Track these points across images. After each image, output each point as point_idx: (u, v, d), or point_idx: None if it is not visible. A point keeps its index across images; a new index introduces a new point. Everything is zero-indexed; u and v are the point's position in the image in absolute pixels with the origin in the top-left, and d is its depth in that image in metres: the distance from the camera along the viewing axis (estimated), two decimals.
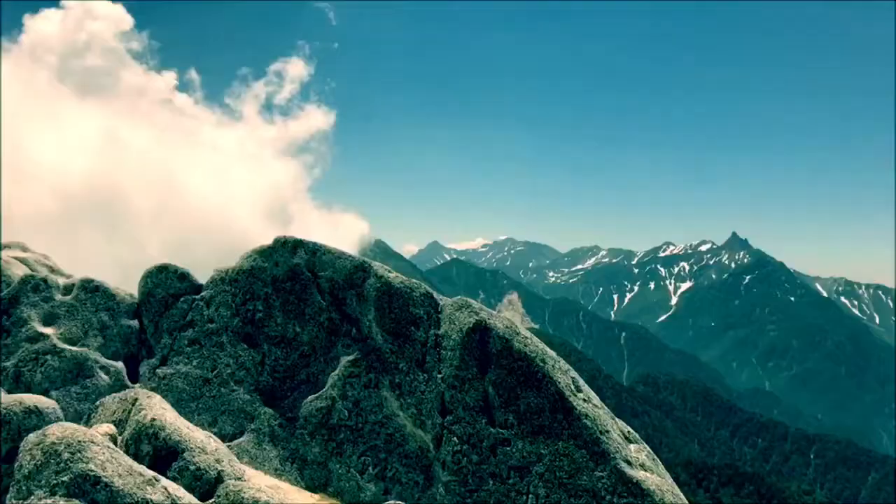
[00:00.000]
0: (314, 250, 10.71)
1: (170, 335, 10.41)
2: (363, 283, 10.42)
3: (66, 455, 4.82)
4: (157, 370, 10.18)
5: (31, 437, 5.00)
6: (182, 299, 10.63)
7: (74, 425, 5.10)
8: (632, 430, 10.48)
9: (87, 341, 10.28)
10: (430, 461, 9.61)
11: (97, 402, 7.38)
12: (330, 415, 9.74)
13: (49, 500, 4.60)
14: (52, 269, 13.47)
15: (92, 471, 4.82)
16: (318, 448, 9.61)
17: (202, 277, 11.11)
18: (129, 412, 6.18)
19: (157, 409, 6.20)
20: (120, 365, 10.18)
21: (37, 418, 5.32)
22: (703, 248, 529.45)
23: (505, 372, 9.84)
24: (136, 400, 6.37)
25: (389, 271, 10.66)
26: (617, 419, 10.37)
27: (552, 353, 10.27)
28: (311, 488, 9.58)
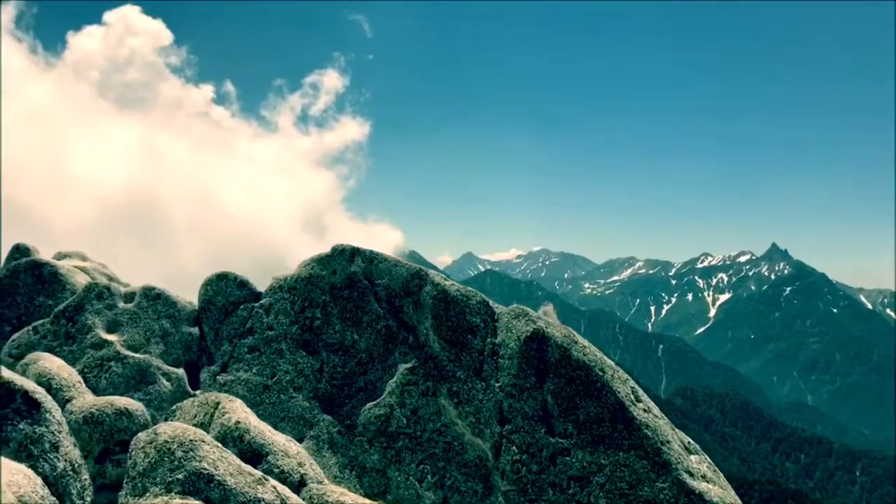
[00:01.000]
0: (371, 258, 10.78)
1: (230, 342, 10.54)
2: (420, 290, 10.45)
3: (179, 453, 4.91)
4: (218, 377, 10.30)
5: (142, 435, 5.10)
6: (242, 307, 10.76)
7: (184, 425, 5.18)
8: (692, 441, 10.33)
9: (149, 348, 10.45)
10: (488, 470, 9.57)
11: (174, 406, 7.51)
12: (388, 422, 9.75)
13: (165, 497, 4.68)
14: (110, 278, 13.77)
15: (205, 469, 4.89)
16: (376, 456, 9.63)
17: None
18: (212, 415, 6.26)
19: (241, 413, 6.28)
20: (181, 372, 10.33)
21: (127, 420, 5.43)
22: (742, 258, 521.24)
23: (564, 381, 9.77)
24: (217, 403, 6.46)
25: (446, 279, 10.68)
26: (677, 430, 10.23)
27: (611, 362, 10.19)
28: (370, 496, 9.59)
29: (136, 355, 10.27)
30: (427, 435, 9.66)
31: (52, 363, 6.11)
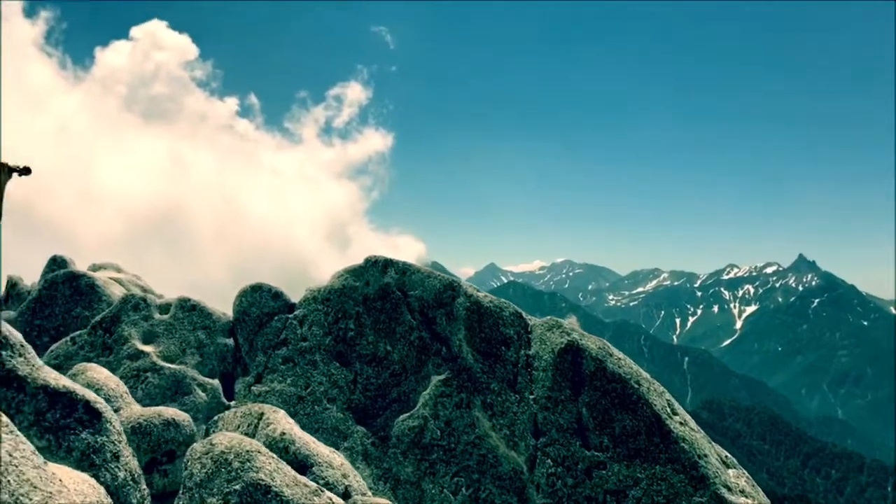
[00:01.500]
0: (404, 269, 10.80)
1: (264, 353, 10.60)
2: (452, 302, 10.44)
3: (235, 464, 4.93)
4: (253, 388, 10.36)
5: (198, 446, 5.13)
6: (276, 318, 10.83)
7: (239, 436, 5.21)
8: (729, 455, 10.18)
9: (184, 359, 10.54)
10: (523, 483, 9.50)
11: (215, 417, 7.54)
12: (422, 434, 9.73)
13: None
14: (144, 289, 13.92)
15: (262, 480, 4.91)
16: (410, 468, 9.61)
17: None
18: (256, 426, 6.28)
19: (285, 424, 6.30)
20: (216, 382, 10.40)
21: (174, 430, 5.46)
22: (769, 270, 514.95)
23: (599, 394, 9.70)
24: (261, 414, 6.48)
25: (478, 290, 10.67)
26: (714, 444, 10.10)
27: (646, 374, 10.10)
28: None
29: (172, 366, 10.36)
30: (461, 447, 9.62)
31: (99, 373, 6.18)
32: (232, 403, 10.35)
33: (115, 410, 5.91)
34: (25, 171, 5.03)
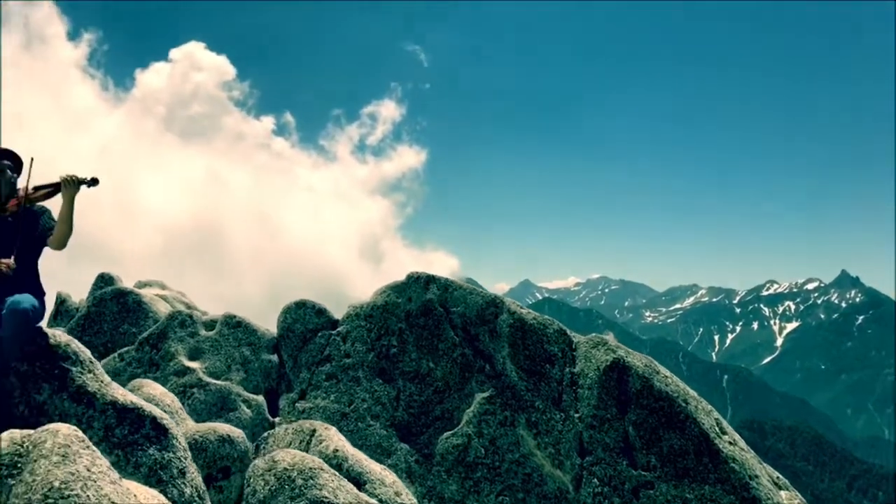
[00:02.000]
0: (446, 286, 10.78)
1: (308, 370, 10.64)
2: (496, 318, 10.39)
3: (299, 481, 4.94)
4: (297, 404, 10.39)
5: (260, 463, 5.16)
6: (319, 334, 10.88)
7: (301, 452, 5.22)
8: (781, 476, 9.94)
9: (230, 375, 10.63)
10: (569, 503, 9.36)
11: (266, 433, 7.58)
12: (466, 452, 9.66)
13: None
14: (188, 306, 14.11)
15: (326, 497, 4.91)
16: (455, 486, 9.53)
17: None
18: (308, 443, 6.30)
19: (337, 441, 6.30)
20: (261, 399, 10.46)
21: (229, 446, 5.50)
22: (810, 286, 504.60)
23: (646, 412, 9.54)
24: (314, 431, 6.50)
25: (521, 307, 10.60)
26: (765, 464, 9.87)
27: (693, 392, 9.93)
28: None
29: (218, 382, 10.45)
30: (506, 465, 9.52)
31: (155, 389, 6.25)
32: (276, 420, 10.39)
33: None
34: (94, 182, 5.12)
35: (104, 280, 13.29)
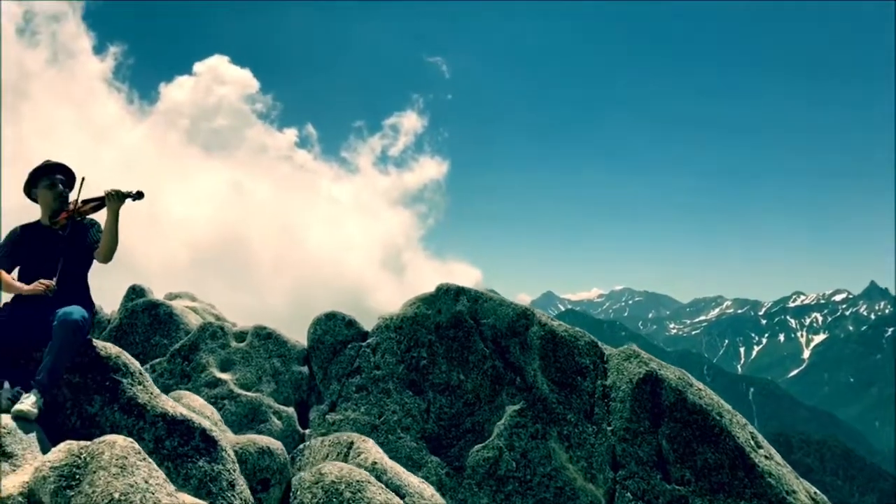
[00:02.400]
0: (476, 297, 10.76)
1: (338, 381, 10.65)
2: (526, 330, 10.34)
3: (347, 494, 4.93)
4: (327, 416, 10.40)
5: (307, 475, 5.17)
6: (349, 346, 10.88)
7: (349, 465, 5.22)
8: (818, 492, 9.75)
9: (260, 387, 10.66)
10: None
11: (301, 445, 7.58)
12: (497, 465, 9.60)
13: None
14: (218, 318, 14.19)
15: None
16: (486, 499, 9.47)
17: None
18: (346, 455, 6.29)
19: (376, 453, 6.29)
20: (291, 410, 10.48)
21: (269, 458, 5.50)
22: (838, 297, 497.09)
23: (679, 426, 9.44)
24: (351, 443, 6.49)
25: (552, 319, 10.55)
26: (801, 479, 9.69)
27: (728, 406, 9.80)
28: None
29: (249, 394, 10.49)
30: (537, 479, 9.44)
31: (195, 401, 6.28)
32: (307, 432, 10.40)
33: None
34: (139, 195, 5.18)
35: (135, 292, 13.41)
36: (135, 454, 3.37)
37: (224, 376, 10.76)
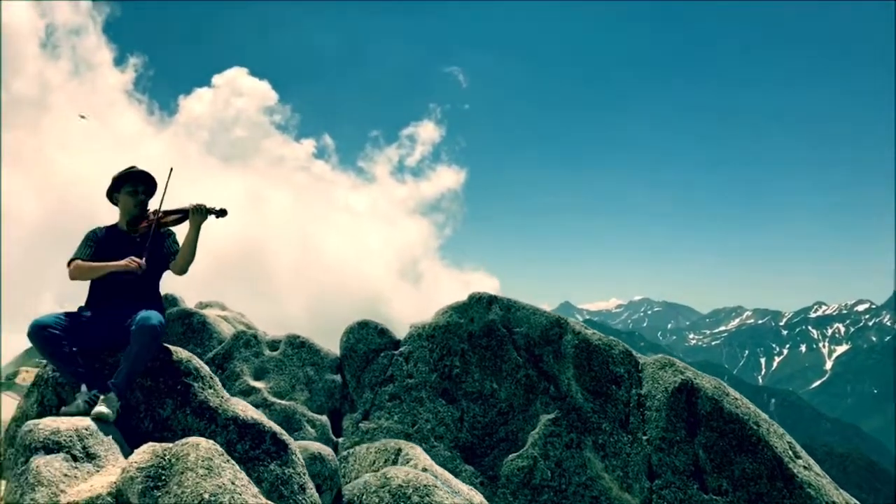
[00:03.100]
0: (508, 306, 10.76)
1: (371, 390, 10.67)
2: (560, 339, 10.32)
3: (415, 498, 4.95)
4: (360, 424, 10.42)
5: (372, 479, 5.19)
6: (382, 354, 10.91)
7: (414, 470, 5.24)
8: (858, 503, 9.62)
9: (294, 395, 10.71)
10: None
11: (345, 452, 7.61)
12: (532, 474, 9.57)
13: None
14: (248, 326, 14.28)
15: None
16: None
17: (334, 333, 11.39)
18: (395, 461, 6.30)
19: (425, 460, 6.30)
20: (325, 419, 10.51)
21: (321, 464, 5.53)
22: (861, 307, 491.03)
23: (716, 435, 9.36)
24: (399, 450, 6.51)
25: (586, 328, 10.52)
26: (841, 490, 9.58)
27: (765, 415, 9.71)
28: None
29: (282, 402, 10.53)
30: (572, 488, 9.40)
31: (246, 407, 6.32)
32: (340, 440, 10.43)
33: None
34: (222, 212, 5.26)
35: (168, 300, 13.53)
36: (219, 456, 3.41)
37: (258, 385, 10.82)
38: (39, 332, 4.80)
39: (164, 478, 3.38)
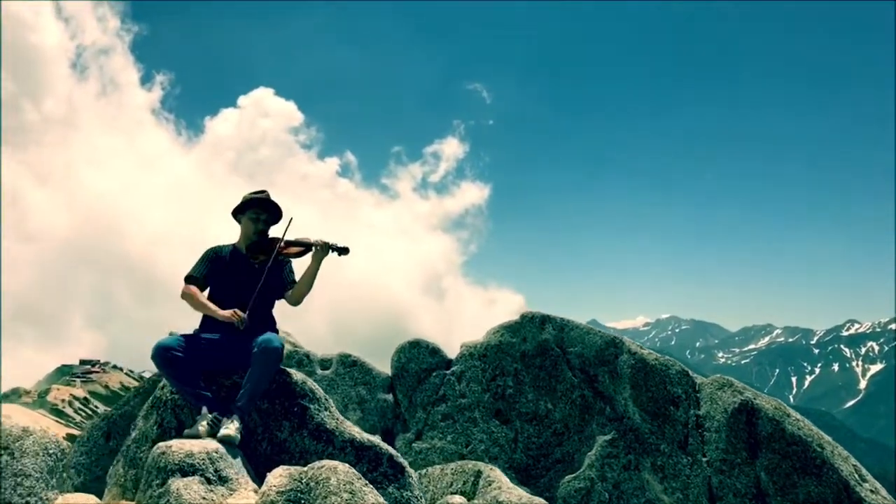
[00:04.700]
0: (562, 325, 10.69)
1: (423, 410, 10.64)
2: (616, 359, 10.22)
3: None
4: (413, 445, 10.38)
5: (457, 500, 5.17)
6: (434, 374, 10.88)
7: (525, 493, 5.22)
8: None
9: (346, 414, 10.70)
10: None
11: (417, 473, 7.58)
12: (589, 496, 9.45)
13: None
14: (294, 345, 14.34)
15: None
16: None
17: (357, 348, 11.39)
18: (474, 483, 6.27)
19: (507, 482, 6.26)
20: (377, 438, 10.48)
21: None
22: (895, 325, 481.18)
23: (778, 457, 9.19)
24: (479, 471, 6.47)
25: (642, 347, 10.42)
26: None
27: (828, 437, 9.52)
28: None
29: None
30: None
31: (359, 429, 6.34)
32: None
33: None
34: (344, 250, 5.33)
35: None
36: (357, 480, 3.41)
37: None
38: (164, 355, 4.85)
39: (302, 501, 3.38)
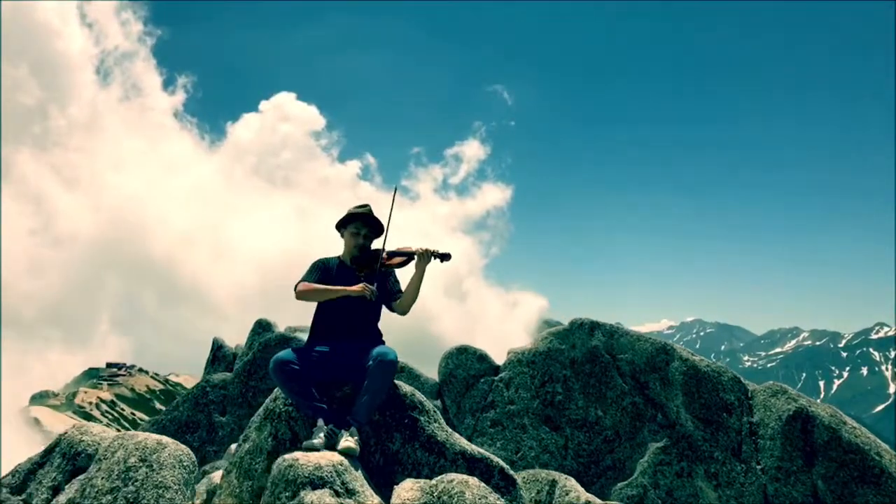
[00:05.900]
0: (612, 332, 10.67)
1: (472, 416, 10.67)
2: (667, 366, 10.18)
3: None
4: None
5: None
6: (482, 380, 10.91)
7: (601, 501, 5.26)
8: None
9: None
10: None
11: None
12: (643, 503, 9.41)
13: None
14: None
15: None
16: None
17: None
18: (549, 492, 6.29)
19: (583, 491, 6.27)
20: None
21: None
22: None
23: (835, 465, 9.10)
24: (554, 480, 6.49)
25: (693, 354, 10.37)
26: None
27: (886, 445, 9.40)
28: None
29: None
30: None
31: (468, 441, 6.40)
32: None
33: None
34: (446, 256, 5.38)
35: (262, 326, 13.78)
36: (490, 493, 3.45)
37: None
38: (283, 368, 4.94)
39: None
